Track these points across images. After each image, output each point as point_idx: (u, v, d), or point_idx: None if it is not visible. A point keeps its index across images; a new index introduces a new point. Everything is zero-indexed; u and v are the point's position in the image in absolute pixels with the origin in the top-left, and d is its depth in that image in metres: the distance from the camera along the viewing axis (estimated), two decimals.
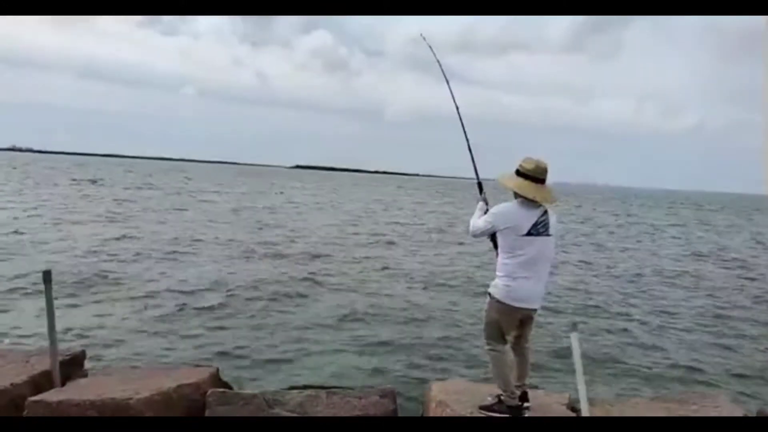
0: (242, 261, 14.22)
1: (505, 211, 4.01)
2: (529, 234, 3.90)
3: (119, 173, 74.46)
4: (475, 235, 4.21)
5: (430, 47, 5.08)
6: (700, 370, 7.65)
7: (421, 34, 5.19)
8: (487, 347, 4.15)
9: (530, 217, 3.93)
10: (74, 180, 50.32)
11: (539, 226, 3.93)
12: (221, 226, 21.57)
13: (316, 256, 15.47)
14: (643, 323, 10.06)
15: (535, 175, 3.96)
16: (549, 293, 10.36)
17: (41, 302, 4.66)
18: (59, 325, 4.76)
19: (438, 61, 5.10)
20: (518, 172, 4.01)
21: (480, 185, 4.44)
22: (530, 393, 4.24)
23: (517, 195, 4.00)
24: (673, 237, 27.74)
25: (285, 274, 12.73)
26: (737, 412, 4.26)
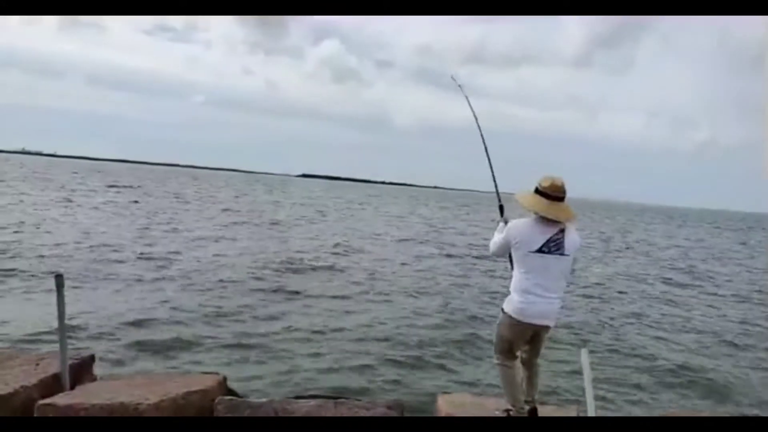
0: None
1: (519, 225, 4.04)
2: (540, 251, 3.91)
3: (146, 180, 74.29)
4: (493, 254, 4.25)
5: (457, 83, 5.11)
6: (715, 392, 7.59)
7: (452, 77, 5.20)
8: (496, 361, 4.17)
9: (544, 234, 3.94)
10: (112, 186, 49.34)
11: (551, 244, 3.92)
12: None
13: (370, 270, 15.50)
14: (659, 341, 10.01)
15: (551, 193, 3.96)
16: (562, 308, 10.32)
17: None
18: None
19: (460, 86, 5.11)
20: (536, 190, 4.03)
21: (501, 208, 4.47)
22: (539, 408, 4.22)
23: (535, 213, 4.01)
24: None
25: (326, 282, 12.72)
26: None
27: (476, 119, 4.96)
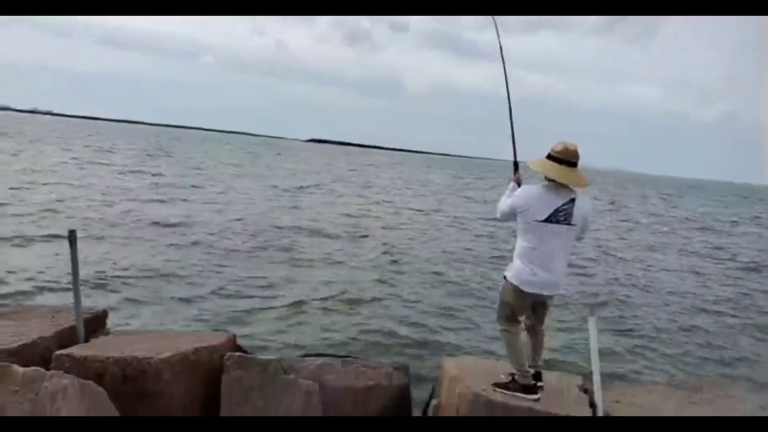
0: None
1: (528, 192, 3.99)
2: (547, 221, 3.87)
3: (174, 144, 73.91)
4: (501, 219, 4.19)
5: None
6: (719, 361, 7.66)
7: (493, 18, 4.73)
8: (499, 327, 4.19)
9: (552, 202, 3.88)
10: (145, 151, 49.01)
11: (560, 214, 3.87)
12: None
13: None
14: (664, 310, 10.06)
15: (564, 158, 3.90)
16: (571, 274, 10.40)
17: None
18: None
19: (500, 44, 4.63)
20: (548, 156, 3.96)
21: (516, 165, 4.30)
22: (544, 374, 4.27)
23: (546, 178, 3.96)
24: None
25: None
26: (751, 402, 4.28)
27: (507, 83, 4.61)
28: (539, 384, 4.10)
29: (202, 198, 20.04)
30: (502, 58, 4.55)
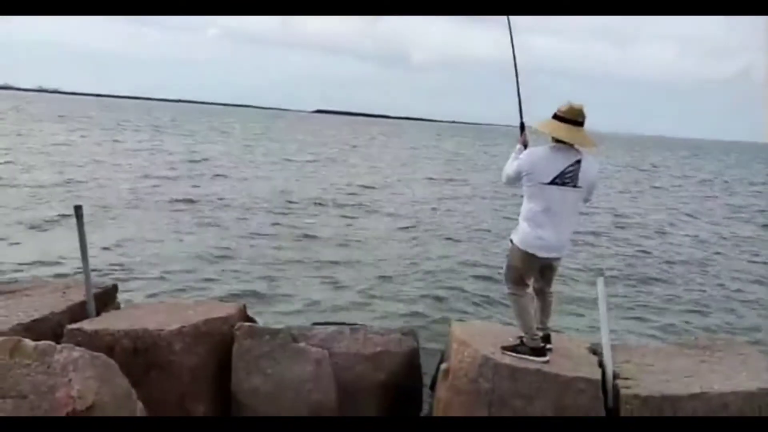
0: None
1: (533, 154, 3.94)
2: (553, 183, 3.82)
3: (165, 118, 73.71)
4: (506, 183, 4.14)
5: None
6: (728, 322, 7.66)
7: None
8: (507, 291, 4.18)
9: (558, 164, 3.83)
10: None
11: (566, 176, 3.82)
12: None
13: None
14: (673, 273, 10.04)
15: (569, 117, 3.84)
16: (577, 238, 10.39)
17: None
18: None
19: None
20: (554, 116, 3.90)
21: (522, 126, 4.21)
22: (553, 336, 4.28)
23: (553, 139, 3.90)
24: None
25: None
26: (761, 359, 4.27)
27: (513, 46, 4.41)
28: (548, 346, 4.10)
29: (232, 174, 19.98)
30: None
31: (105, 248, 8.98)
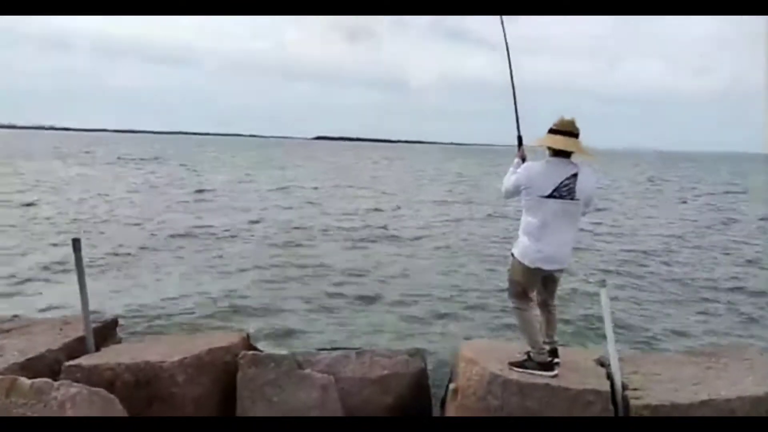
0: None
1: (531, 168, 3.96)
2: (551, 196, 3.83)
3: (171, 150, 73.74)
4: (505, 196, 4.16)
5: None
6: (728, 330, 7.59)
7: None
8: (512, 305, 4.16)
9: (556, 177, 3.84)
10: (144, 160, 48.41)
11: (563, 189, 3.83)
12: None
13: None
14: (674, 282, 9.97)
15: (562, 129, 3.88)
16: (579, 249, 10.35)
17: None
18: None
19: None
20: (550, 130, 3.94)
21: (520, 139, 4.26)
22: (560, 350, 4.22)
23: (550, 152, 3.93)
24: None
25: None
26: (766, 364, 4.21)
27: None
28: (556, 360, 4.04)
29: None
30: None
31: (111, 289, 8.88)
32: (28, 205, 17.60)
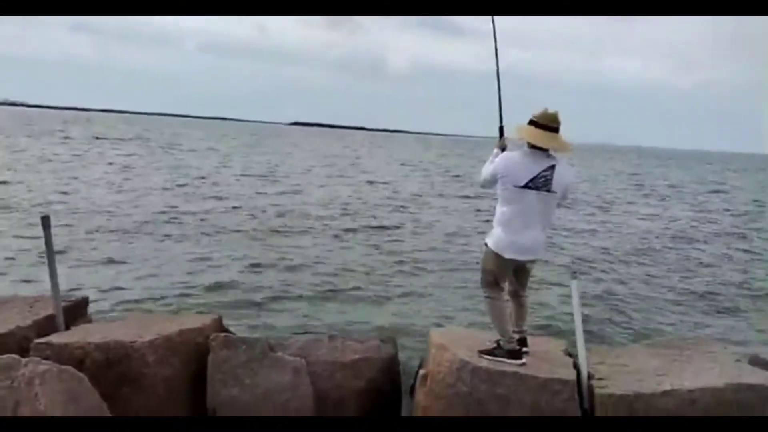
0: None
1: (508, 158, 4.00)
2: (526, 186, 3.87)
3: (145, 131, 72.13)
4: (482, 186, 4.19)
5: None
6: (694, 322, 7.79)
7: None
8: (483, 294, 4.21)
9: (532, 169, 3.88)
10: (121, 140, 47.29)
11: (539, 180, 3.87)
12: None
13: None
14: (648, 273, 10.19)
15: (544, 123, 3.90)
16: (551, 242, 10.49)
17: None
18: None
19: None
20: (530, 122, 3.96)
21: (501, 129, 4.25)
22: (529, 339, 4.30)
23: (528, 145, 3.95)
24: None
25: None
26: (729, 357, 4.34)
27: (496, 48, 4.47)
28: (524, 349, 4.12)
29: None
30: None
31: (79, 262, 8.80)
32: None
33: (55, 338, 3.97)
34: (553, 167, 3.91)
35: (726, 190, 32.39)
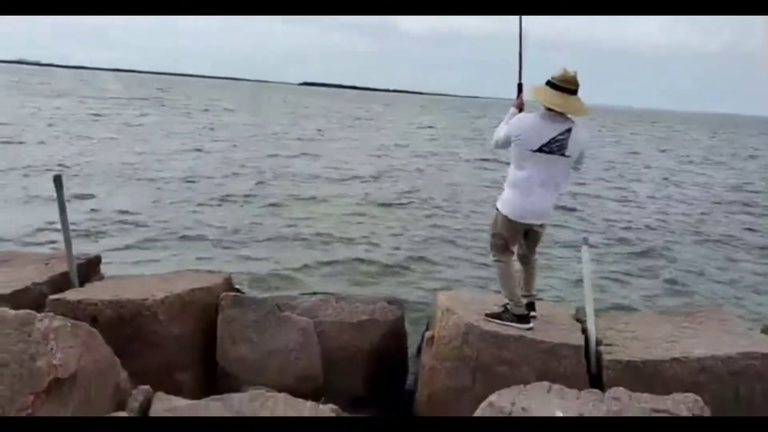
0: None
1: (523, 120, 3.92)
2: (540, 150, 3.81)
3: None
4: (495, 145, 4.10)
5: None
6: (707, 291, 7.76)
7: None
8: (492, 258, 4.20)
9: (547, 132, 3.80)
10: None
11: (553, 144, 3.80)
12: None
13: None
14: (660, 241, 10.13)
15: (561, 84, 3.80)
16: (563, 208, 10.43)
17: None
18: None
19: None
20: (548, 82, 3.86)
21: (520, 86, 4.14)
22: (538, 304, 4.31)
23: (545, 107, 3.86)
24: None
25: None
26: (742, 325, 4.33)
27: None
28: (532, 314, 4.13)
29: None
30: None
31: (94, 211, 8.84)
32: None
33: (69, 295, 4.03)
34: (569, 130, 3.83)
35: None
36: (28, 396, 2.65)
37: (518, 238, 4.11)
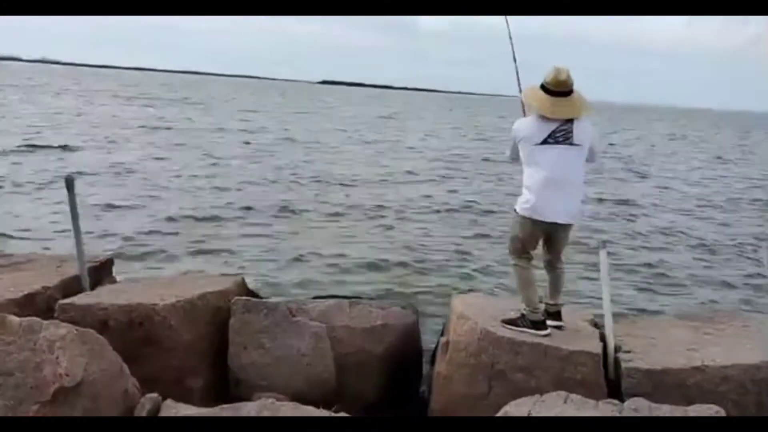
0: None
1: (523, 121, 3.92)
2: (545, 143, 3.74)
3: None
4: (511, 159, 4.07)
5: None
6: (732, 296, 7.56)
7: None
8: (511, 262, 4.11)
9: (549, 125, 3.75)
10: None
11: (558, 134, 3.73)
12: None
13: None
14: (680, 246, 9.90)
15: (554, 89, 3.74)
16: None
17: None
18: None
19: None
20: (541, 86, 3.81)
21: (524, 104, 4.17)
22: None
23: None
24: None
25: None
26: (765, 331, 4.18)
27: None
28: (559, 323, 4.01)
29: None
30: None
31: (107, 231, 8.86)
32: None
33: (79, 299, 4.01)
34: (570, 121, 3.76)
35: None
36: (33, 405, 2.62)
37: (538, 242, 4.00)
